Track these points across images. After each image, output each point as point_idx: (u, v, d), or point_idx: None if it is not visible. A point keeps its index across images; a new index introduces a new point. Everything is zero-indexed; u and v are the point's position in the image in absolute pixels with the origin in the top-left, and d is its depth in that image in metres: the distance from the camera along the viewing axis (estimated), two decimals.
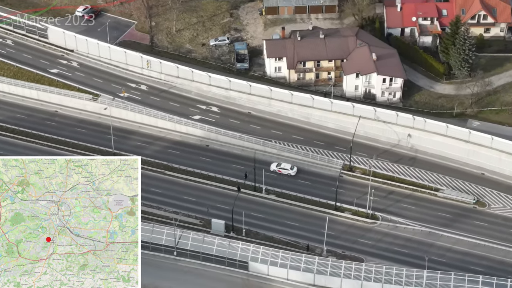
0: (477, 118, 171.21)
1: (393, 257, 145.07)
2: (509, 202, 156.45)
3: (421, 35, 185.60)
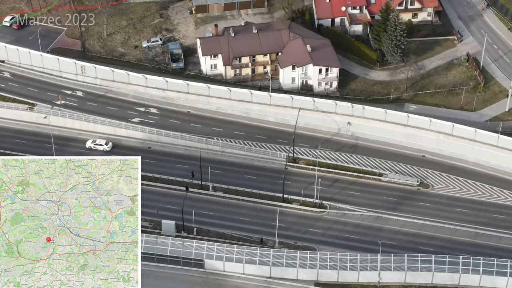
0: (413, 102, 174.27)
1: (345, 243, 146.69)
2: (451, 182, 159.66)
3: (351, 24, 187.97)
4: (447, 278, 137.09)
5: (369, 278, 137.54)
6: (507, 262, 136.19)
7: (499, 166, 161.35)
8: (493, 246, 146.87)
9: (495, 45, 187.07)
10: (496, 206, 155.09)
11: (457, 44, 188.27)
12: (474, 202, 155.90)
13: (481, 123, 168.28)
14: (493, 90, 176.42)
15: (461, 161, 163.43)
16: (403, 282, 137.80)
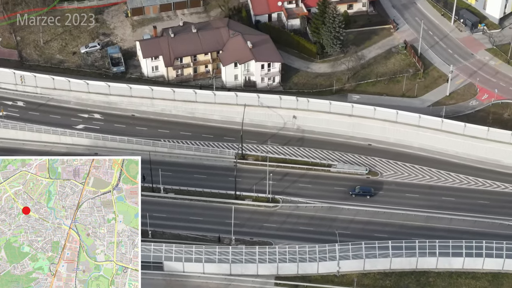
0: (356, 92, 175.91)
1: (300, 236, 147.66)
2: (399, 168, 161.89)
3: (288, 18, 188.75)
4: (405, 263, 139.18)
5: (329, 268, 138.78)
6: (462, 243, 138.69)
7: (444, 150, 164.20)
8: (445, 228, 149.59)
9: (430, 31, 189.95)
10: (444, 189, 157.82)
11: (394, 32, 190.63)
12: (423, 187, 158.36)
13: (424, 108, 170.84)
14: (432, 75, 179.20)
15: (407, 147, 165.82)
16: (362, 270, 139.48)
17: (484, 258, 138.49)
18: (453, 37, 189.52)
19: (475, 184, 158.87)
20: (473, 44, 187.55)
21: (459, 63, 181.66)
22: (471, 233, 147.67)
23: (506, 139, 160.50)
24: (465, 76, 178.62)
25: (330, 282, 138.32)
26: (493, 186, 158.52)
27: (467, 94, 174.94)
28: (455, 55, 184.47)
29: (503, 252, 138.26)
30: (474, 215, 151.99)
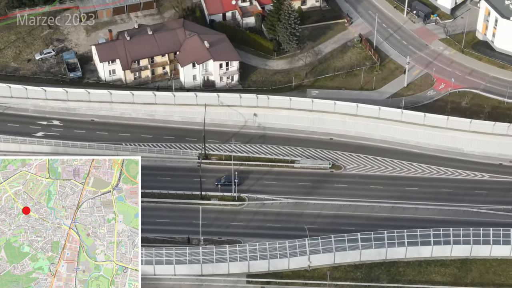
0: (314, 87, 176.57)
1: (269, 233, 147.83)
2: (361, 161, 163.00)
3: (243, 17, 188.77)
4: (375, 254, 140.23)
5: (299, 264, 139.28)
6: (429, 231, 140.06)
7: (405, 141, 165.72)
8: (411, 218, 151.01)
9: (384, 24, 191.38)
10: (407, 179, 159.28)
11: (348, 26, 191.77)
12: (386, 178, 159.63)
13: (383, 100, 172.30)
14: (389, 67, 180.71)
15: (368, 139, 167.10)
16: (333, 263, 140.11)
17: (452, 246, 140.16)
18: (407, 29, 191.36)
19: (437, 173, 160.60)
20: (427, 35, 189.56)
21: (415, 54, 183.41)
22: (437, 221, 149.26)
23: (465, 127, 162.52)
24: (421, 67, 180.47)
25: (301, 277, 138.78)
26: (455, 174, 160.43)
27: (424, 85, 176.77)
28: (410, 46, 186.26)
29: (470, 238, 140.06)
30: (438, 204, 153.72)
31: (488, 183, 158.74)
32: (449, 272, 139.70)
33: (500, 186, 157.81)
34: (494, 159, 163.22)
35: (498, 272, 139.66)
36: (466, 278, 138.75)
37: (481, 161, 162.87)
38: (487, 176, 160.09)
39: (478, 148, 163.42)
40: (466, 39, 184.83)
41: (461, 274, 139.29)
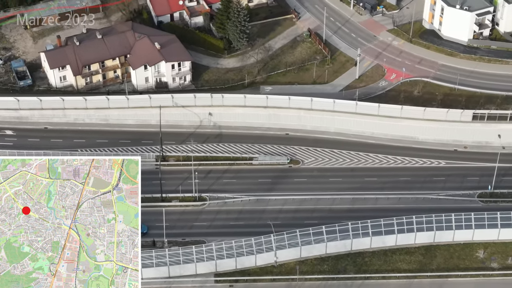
0: (267, 84, 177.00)
1: (232, 231, 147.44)
2: (319, 154, 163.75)
3: (191, 16, 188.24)
4: (340, 246, 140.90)
5: (266, 260, 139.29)
6: (393, 220, 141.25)
7: (360, 132, 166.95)
8: (371, 208, 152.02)
9: (331, 17, 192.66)
10: (366, 170, 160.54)
11: (296, 22, 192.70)
12: (345, 170, 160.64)
13: (336, 93, 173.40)
14: (339, 60, 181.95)
15: (324, 132, 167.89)
16: (299, 257, 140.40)
17: (415, 233, 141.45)
18: (354, 21, 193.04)
19: (394, 162, 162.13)
20: (375, 26, 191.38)
21: (364, 46, 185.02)
22: (397, 210, 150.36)
23: (419, 116, 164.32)
24: (371, 58, 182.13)
25: (269, 273, 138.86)
26: (412, 162, 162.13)
27: (376, 76, 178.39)
28: (358, 38, 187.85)
29: (433, 225, 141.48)
30: (398, 193, 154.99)
31: (445, 169, 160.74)
32: (414, 260, 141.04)
33: (457, 172, 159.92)
34: (449, 145, 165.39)
35: (462, 257, 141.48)
36: (431, 264, 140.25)
37: (437, 148, 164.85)
38: (443, 162, 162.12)
39: (432, 135, 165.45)
40: (413, 28, 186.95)
41: (426, 261, 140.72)
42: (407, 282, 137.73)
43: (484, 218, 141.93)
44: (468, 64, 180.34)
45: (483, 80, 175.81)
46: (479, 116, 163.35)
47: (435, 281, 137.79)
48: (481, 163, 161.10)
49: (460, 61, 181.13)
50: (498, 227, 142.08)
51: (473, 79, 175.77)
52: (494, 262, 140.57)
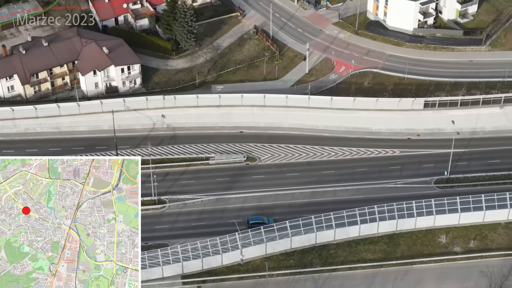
0: (218, 82, 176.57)
1: (195, 232, 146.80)
2: (274, 150, 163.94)
3: (136, 19, 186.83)
4: (305, 240, 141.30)
5: (232, 258, 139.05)
6: (355, 211, 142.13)
7: (314, 126, 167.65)
8: (331, 201, 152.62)
9: (277, 14, 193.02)
10: (322, 163, 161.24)
11: (242, 19, 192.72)
12: (302, 164, 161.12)
13: (288, 89, 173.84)
14: (288, 56, 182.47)
15: (278, 128, 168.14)
16: (265, 254, 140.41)
17: (378, 222, 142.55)
18: (299, 16, 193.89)
19: (350, 154, 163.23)
20: (320, 20, 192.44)
21: (311, 40, 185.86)
22: (357, 201, 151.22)
23: (371, 106, 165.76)
24: (319, 52, 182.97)
25: (236, 271, 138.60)
26: (367, 153, 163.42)
27: (325, 69, 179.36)
28: (305, 33, 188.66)
29: (395, 213, 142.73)
30: (356, 184, 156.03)
31: (400, 158, 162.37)
32: (379, 249, 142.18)
33: (412, 160, 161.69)
34: (402, 134, 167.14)
35: (425, 243, 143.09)
36: (395, 253, 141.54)
37: (390, 138, 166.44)
38: (398, 151, 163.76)
39: (385, 125, 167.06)
40: (358, 20, 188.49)
41: (390, 249, 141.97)
42: (373, 271, 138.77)
43: (444, 203, 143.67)
44: (415, 53, 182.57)
45: (431, 68, 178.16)
46: (430, 104, 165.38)
47: (400, 268, 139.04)
48: (435, 150, 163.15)
49: (407, 51, 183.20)
50: (458, 211, 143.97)
51: (421, 68, 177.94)
52: (457, 246, 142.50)
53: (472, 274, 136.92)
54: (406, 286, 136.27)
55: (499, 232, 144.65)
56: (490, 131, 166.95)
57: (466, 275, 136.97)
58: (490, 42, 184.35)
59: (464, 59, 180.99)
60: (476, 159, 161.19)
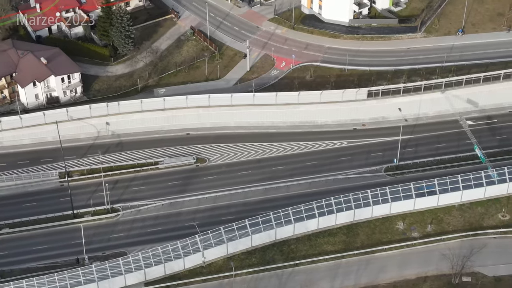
0: (160, 86, 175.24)
1: (152, 238, 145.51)
2: (223, 150, 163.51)
3: (71, 28, 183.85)
4: (265, 237, 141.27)
5: (194, 261, 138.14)
6: (312, 205, 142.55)
7: (260, 123, 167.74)
8: (285, 196, 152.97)
9: (212, 13, 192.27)
10: (272, 160, 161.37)
11: (177, 21, 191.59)
12: (252, 162, 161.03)
13: (231, 87, 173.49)
14: (228, 54, 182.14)
15: (224, 128, 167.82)
16: (226, 254, 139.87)
17: (336, 214, 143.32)
18: (234, 15, 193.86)
19: (298, 148, 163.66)
20: (255, 17, 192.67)
21: (248, 37, 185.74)
22: (311, 194, 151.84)
23: (316, 100, 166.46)
24: (258, 49, 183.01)
25: (199, 274, 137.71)
26: (315, 146, 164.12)
27: (266, 66, 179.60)
28: (242, 31, 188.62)
29: (351, 204, 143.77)
30: (307, 177, 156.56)
31: (348, 149, 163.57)
32: (338, 240, 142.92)
33: (360, 150, 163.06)
34: (347, 125, 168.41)
35: (383, 231, 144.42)
36: (355, 243, 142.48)
37: (337, 129, 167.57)
38: (346, 142, 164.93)
39: (331, 117, 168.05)
40: (294, 15, 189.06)
41: (350, 240, 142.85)
42: (336, 263, 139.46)
43: (398, 190, 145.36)
44: (353, 44, 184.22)
45: (370, 57, 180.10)
46: (373, 93, 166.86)
47: (362, 258, 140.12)
48: (382, 138, 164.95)
49: (345, 42, 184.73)
50: (413, 197, 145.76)
51: (361, 58, 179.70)
52: (415, 232, 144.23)
53: (432, 258, 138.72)
54: (369, 275, 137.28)
55: (453, 214, 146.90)
56: (433, 116, 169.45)
57: (427, 260, 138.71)
58: (424, 28, 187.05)
59: (401, 47, 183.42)
60: (422, 145, 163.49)
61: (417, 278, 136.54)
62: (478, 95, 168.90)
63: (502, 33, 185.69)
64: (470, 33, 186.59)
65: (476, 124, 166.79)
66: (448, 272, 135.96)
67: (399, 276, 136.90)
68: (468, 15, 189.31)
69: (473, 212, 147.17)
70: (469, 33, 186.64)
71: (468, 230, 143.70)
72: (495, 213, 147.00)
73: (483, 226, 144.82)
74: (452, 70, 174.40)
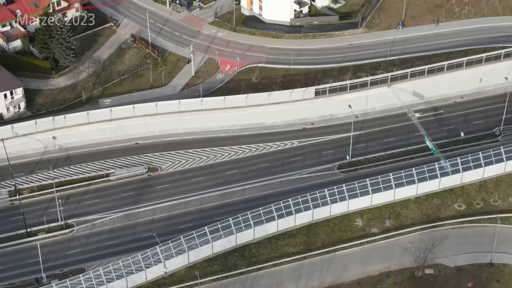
0: (105, 96, 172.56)
1: (109, 252, 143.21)
2: (174, 157, 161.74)
3: (8, 41, 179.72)
4: (226, 243, 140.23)
5: (156, 273, 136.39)
6: (271, 207, 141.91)
7: (209, 128, 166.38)
8: (241, 200, 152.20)
9: (151, 19, 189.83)
10: (225, 164, 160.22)
11: (116, 29, 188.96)
12: (204, 168, 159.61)
13: (178, 94, 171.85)
14: (171, 60, 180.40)
15: (174, 135, 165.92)
16: (188, 263, 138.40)
17: (294, 215, 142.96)
18: (174, 20, 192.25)
19: (250, 151, 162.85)
20: (195, 21, 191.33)
21: (190, 42, 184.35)
22: (266, 197, 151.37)
23: (264, 101, 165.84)
24: (202, 53, 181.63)
25: (162, 285, 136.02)
26: (266, 148, 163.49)
27: (211, 70, 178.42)
28: (183, 36, 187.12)
29: (309, 204, 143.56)
30: (262, 180, 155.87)
31: (299, 148, 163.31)
32: (299, 241, 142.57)
33: (311, 149, 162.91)
34: (296, 125, 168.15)
35: (343, 228, 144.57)
36: (316, 242, 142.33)
37: (286, 130, 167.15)
38: (296, 142, 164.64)
39: (280, 118, 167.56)
40: (234, 17, 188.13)
41: (310, 240, 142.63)
42: (298, 264, 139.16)
43: (355, 187, 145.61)
44: (296, 43, 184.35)
45: (314, 56, 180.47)
46: (321, 91, 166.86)
47: (324, 257, 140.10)
48: (331, 136, 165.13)
49: (287, 42, 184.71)
50: (370, 193, 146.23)
51: (305, 57, 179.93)
52: (374, 228, 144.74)
53: (394, 252, 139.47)
54: (333, 273, 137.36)
55: (410, 207, 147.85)
56: (381, 111, 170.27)
57: (389, 254, 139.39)
58: (365, 24, 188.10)
59: (344, 43, 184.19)
60: (372, 140, 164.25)
61: (380, 274, 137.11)
62: (423, 87, 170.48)
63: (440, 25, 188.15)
64: (411, 26, 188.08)
65: (424, 116, 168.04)
66: (410, 266, 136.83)
67: (363, 273, 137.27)
68: (407, 8, 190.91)
69: (429, 204, 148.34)
70: (409, 26, 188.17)
71: (426, 222, 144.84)
72: (451, 204, 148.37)
73: (440, 217, 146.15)
74: (396, 63, 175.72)
